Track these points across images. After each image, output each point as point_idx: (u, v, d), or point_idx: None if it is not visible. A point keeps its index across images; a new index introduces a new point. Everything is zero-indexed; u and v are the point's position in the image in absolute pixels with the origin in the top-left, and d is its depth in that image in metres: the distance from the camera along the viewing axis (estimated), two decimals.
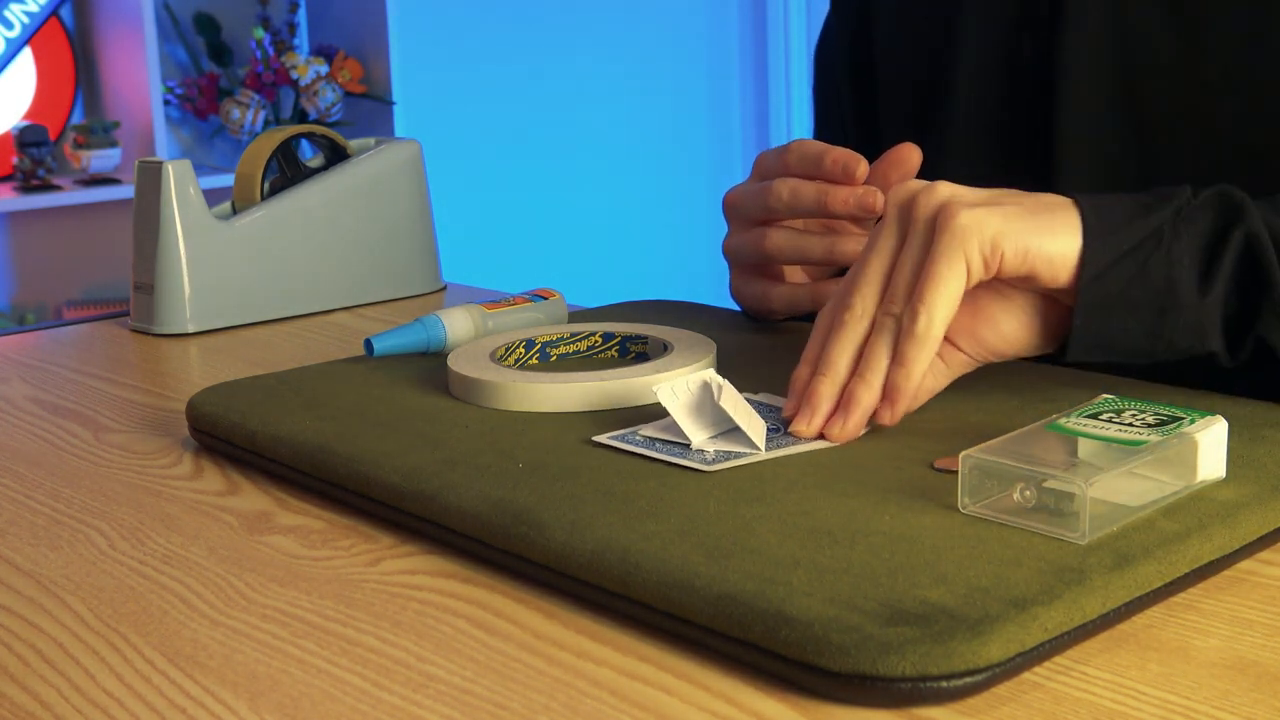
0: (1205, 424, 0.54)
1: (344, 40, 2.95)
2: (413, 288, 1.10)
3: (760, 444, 0.59)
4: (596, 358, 0.77)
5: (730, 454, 0.59)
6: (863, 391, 0.61)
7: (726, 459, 0.58)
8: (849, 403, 0.61)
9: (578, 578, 0.50)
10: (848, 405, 0.61)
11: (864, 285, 0.63)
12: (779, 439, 0.61)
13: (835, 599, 0.44)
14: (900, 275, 0.62)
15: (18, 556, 0.57)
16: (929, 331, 0.60)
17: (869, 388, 0.61)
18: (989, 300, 0.64)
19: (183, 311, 0.99)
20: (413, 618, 0.49)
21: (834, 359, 0.62)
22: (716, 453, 0.59)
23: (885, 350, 0.61)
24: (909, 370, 0.60)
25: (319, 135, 1.08)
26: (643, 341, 0.76)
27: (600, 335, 0.77)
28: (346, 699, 0.44)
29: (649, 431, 0.61)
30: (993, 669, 0.42)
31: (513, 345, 0.75)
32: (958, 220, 0.60)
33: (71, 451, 0.72)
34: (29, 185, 2.63)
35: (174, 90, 2.83)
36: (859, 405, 0.61)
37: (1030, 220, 0.61)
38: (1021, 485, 0.51)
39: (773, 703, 0.42)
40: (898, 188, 0.64)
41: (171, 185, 0.98)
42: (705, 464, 0.57)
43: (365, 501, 0.60)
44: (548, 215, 3.34)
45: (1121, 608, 0.46)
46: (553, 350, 0.77)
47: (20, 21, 2.68)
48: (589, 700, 0.43)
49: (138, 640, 0.48)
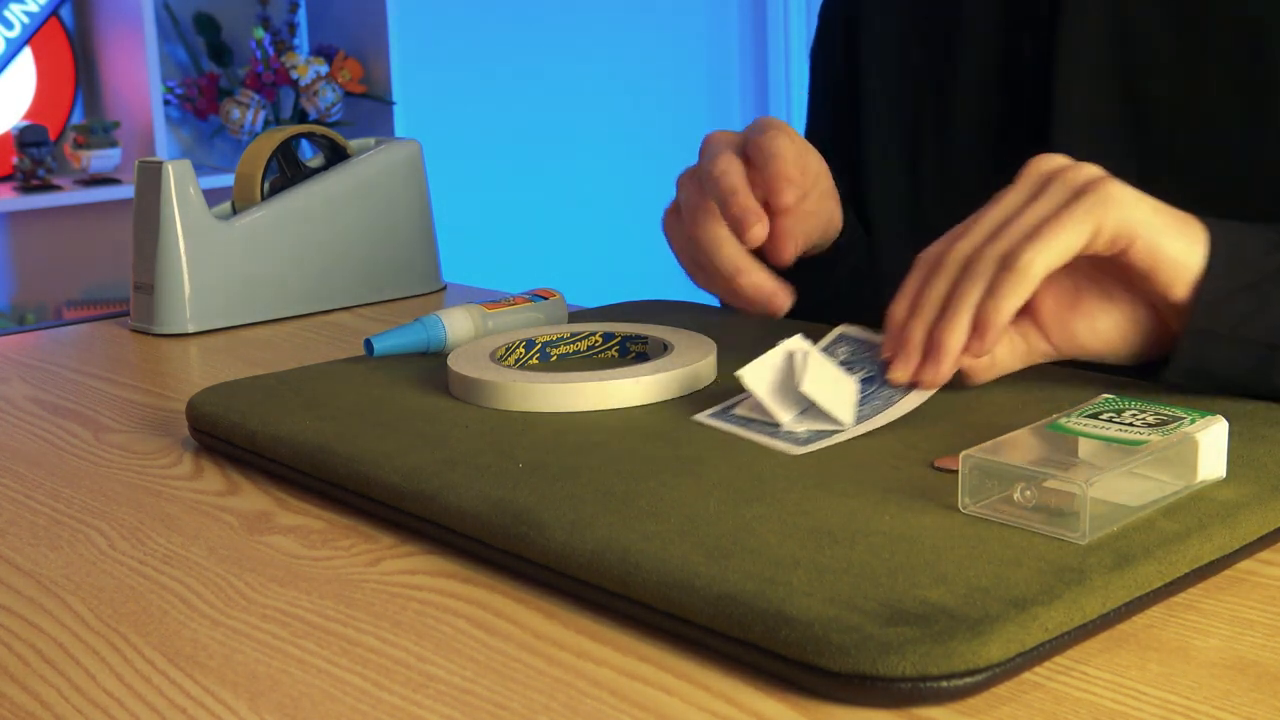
0: (1205, 424, 0.54)
1: (344, 40, 2.95)
2: (413, 288, 1.10)
3: (847, 418, 0.60)
4: (597, 357, 0.77)
5: (821, 434, 0.60)
6: (948, 334, 0.60)
7: (818, 439, 0.59)
8: (937, 349, 0.61)
9: (578, 578, 0.50)
10: (937, 351, 0.61)
11: (978, 228, 0.61)
12: (874, 393, 0.62)
13: (835, 599, 0.44)
14: (1021, 221, 0.60)
15: (18, 556, 0.57)
16: (1029, 270, 0.58)
17: (956, 329, 0.60)
18: (1093, 295, 0.63)
19: (183, 311, 0.99)
20: (413, 618, 0.49)
21: (931, 299, 0.61)
22: (808, 433, 0.60)
23: (978, 285, 0.59)
24: (999, 304, 0.58)
25: (319, 135, 1.08)
26: (643, 341, 0.76)
27: (600, 335, 0.78)
28: (346, 699, 0.44)
29: (743, 411, 0.62)
30: (993, 669, 0.42)
31: (513, 345, 0.75)
32: (1108, 189, 0.59)
33: (71, 451, 0.72)
34: (29, 185, 2.63)
35: (174, 90, 2.83)
36: (947, 351, 0.60)
37: (1172, 223, 0.61)
38: (1021, 485, 0.51)
39: (773, 703, 0.42)
40: (1043, 158, 0.62)
41: (171, 185, 0.98)
42: (797, 445, 0.59)
43: (365, 501, 0.60)
44: (548, 215, 3.34)
45: (1121, 608, 0.46)
46: (553, 350, 0.77)
47: (20, 21, 2.68)
48: (589, 700, 0.43)
49: (138, 640, 0.48)
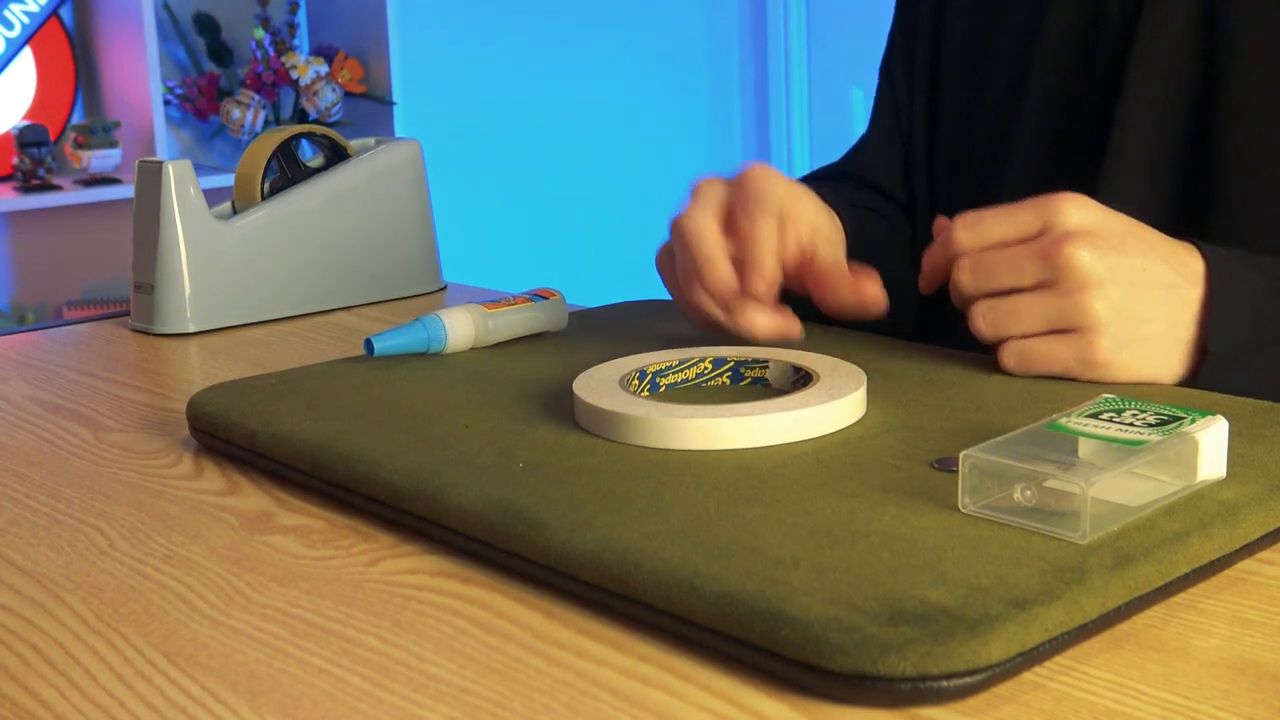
0: (1206, 424, 0.54)
1: (344, 40, 2.95)
2: (413, 288, 1.10)
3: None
4: (706, 386, 0.70)
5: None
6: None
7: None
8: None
9: (578, 578, 0.50)
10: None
11: (981, 266, 0.70)
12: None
13: (835, 599, 0.44)
14: (1007, 311, 0.69)
15: (18, 556, 0.57)
16: (1004, 364, 0.70)
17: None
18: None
19: (183, 311, 0.99)
20: (413, 618, 0.49)
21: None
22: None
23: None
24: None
25: (319, 135, 1.08)
26: (761, 365, 0.70)
27: (710, 361, 0.70)
28: (346, 699, 0.44)
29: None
30: (993, 669, 0.42)
31: (628, 375, 0.67)
32: (1089, 313, 0.66)
33: (71, 451, 0.72)
34: (29, 185, 2.63)
35: (174, 90, 2.83)
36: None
37: (1151, 346, 0.67)
38: (1021, 485, 0.51)
39: (773, 703, 0.42)
40: (1058, 208, 0.67)
41: (171, 185, 0.98)
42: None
43: (365, 501, 0.60)
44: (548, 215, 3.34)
45: (1122, 608, 0.46)
46: (661, 380, 0.69)
47: (20, 21, 2.68)
48: (589, 700, 0.43)
49: (138, 640, 0.48)
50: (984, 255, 0.69)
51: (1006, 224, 0.68)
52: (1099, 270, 0.66)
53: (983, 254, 0.69)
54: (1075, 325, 0.67)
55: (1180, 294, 0.67)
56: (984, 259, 0.69)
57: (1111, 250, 0.66)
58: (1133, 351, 0.67)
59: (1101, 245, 0.66)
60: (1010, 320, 0.68)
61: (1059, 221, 0.67)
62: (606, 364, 0.69)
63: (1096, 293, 0.66)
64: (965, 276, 0.69)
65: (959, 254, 0.70)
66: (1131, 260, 0.66)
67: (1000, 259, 0.68)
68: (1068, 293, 0.66)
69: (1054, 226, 0.67)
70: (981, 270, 0.69)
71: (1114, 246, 0.66)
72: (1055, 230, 0.67)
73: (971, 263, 0.69)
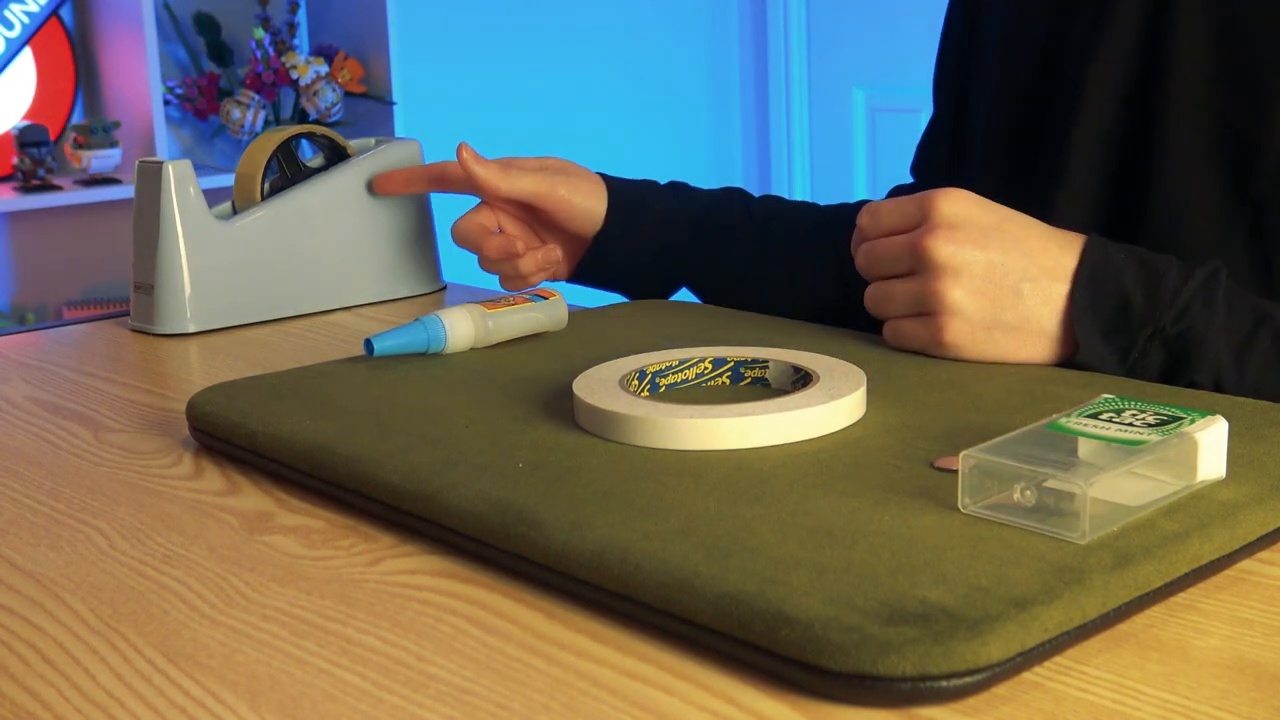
0: (1205, 424, 0.54)
1: (344, 40, 2.95)
2: (413, 288, 1.10)
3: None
4: (705, 386, 0.70)
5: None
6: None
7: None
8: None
9: (578, 578, 0.50)
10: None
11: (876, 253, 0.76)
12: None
13: (835, 599, 0.44)
14: (886, 293, 0.76)
15: (18, 556, 0.57)
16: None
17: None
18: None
19: (183, 311, 0.99)
20: (413, 618, 0.49)
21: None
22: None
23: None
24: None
25: (319, 135, 1.08)
26: (761, 365, 0.70)
27: (710, 361, 0.70)
28: (346, 699, 0.44)
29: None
30: (993, 669, 0.42)
31: (628, 375, 0.67)
32: (947, 321, 0.72)
33: (71, 451, 0.72)
34: (29, 185, 2.63)
35: (174, 90, 2.83)
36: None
37: (1011, 340, 0.73)
38: (1021, 485, 0.51)
39: (773, 703, 0.42)
40: (940, 202, 0.73)
41: (171, 185, 0.98)
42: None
43: (365, 501, 0.60)
44: None
45: (1121, 608, 0.46)
46: (661, 380, 0.69)
47: (20, 21, 2.68)
48: (589, 700, 0.43)
49: (138, 640, 0.48)
50: (875, 244, 0.76)
51: (896, 215, 0.75)
52: (955, 262, 0.72)
53: (874, 243, 0.76)
54: (930, 310, 0.73)
55: (1041, 288, 0.72)
56: (874, 247, 0.76)
57: (970, 243, 0.72)
58: (988, 336, 0.72)
59: (961, 238, 0.72)
60: (887, 302, 0.76)
61: (931, 214, 0.73)
62: (606, 364, 0.69)
63: (951, 282, 0.72)
64: (861, 261, 0.77)
65: (860, 240, 0.78)
66: (989, 254, 0.72)
67: (884, 248, 0.76)
68: (926, 281, 0.73)
69: (927, 219, 0.73)
70: (871, 257, 0.77)
71: (974, 240, 0.72)
72: (927, 223, 0.73)
73: (865, 250, 0.77)
